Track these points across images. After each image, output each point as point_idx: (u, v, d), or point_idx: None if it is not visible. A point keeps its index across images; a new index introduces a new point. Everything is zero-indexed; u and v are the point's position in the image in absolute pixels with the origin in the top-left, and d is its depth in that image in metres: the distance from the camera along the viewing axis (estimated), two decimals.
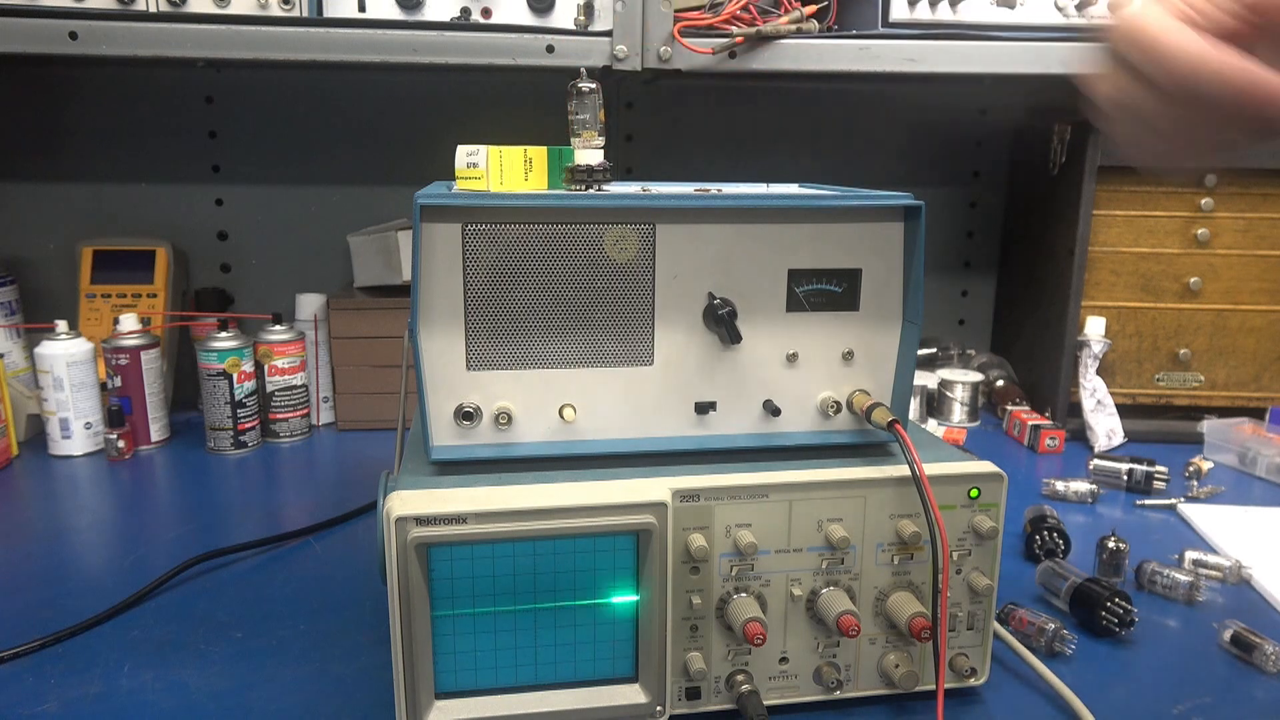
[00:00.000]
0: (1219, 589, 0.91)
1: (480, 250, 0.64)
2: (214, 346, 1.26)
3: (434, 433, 0.66)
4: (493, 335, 0.66)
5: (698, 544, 0.64)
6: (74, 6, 1.08)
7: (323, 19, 1.13)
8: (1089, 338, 1.33)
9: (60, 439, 1.25)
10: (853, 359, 0.71)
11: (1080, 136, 1.31)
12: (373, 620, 0.82)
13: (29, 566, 0.93)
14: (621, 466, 0.67)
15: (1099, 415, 1.33)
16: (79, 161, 1.45)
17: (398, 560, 0.60)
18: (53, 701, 0.70)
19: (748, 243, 0.67)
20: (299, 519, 1.04)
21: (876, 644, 0.69)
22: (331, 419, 1.41)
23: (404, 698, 0.62)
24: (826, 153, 1.59)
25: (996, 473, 0.68)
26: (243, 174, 1.49)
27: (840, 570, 0.67)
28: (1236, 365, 1.37)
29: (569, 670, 0.65)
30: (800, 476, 0.66)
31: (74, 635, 0.79)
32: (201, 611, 0.84)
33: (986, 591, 0.69)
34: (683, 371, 0.69)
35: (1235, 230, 1.33)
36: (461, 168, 0.70)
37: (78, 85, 1.42)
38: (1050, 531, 0.94)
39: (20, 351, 1.34)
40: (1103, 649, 0.79)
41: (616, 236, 0.66)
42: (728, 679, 0.67)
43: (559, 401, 0.68)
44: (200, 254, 1.51)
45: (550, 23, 1.17)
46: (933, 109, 1.59)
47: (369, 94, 1.48)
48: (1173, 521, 1.08)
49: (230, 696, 0.71)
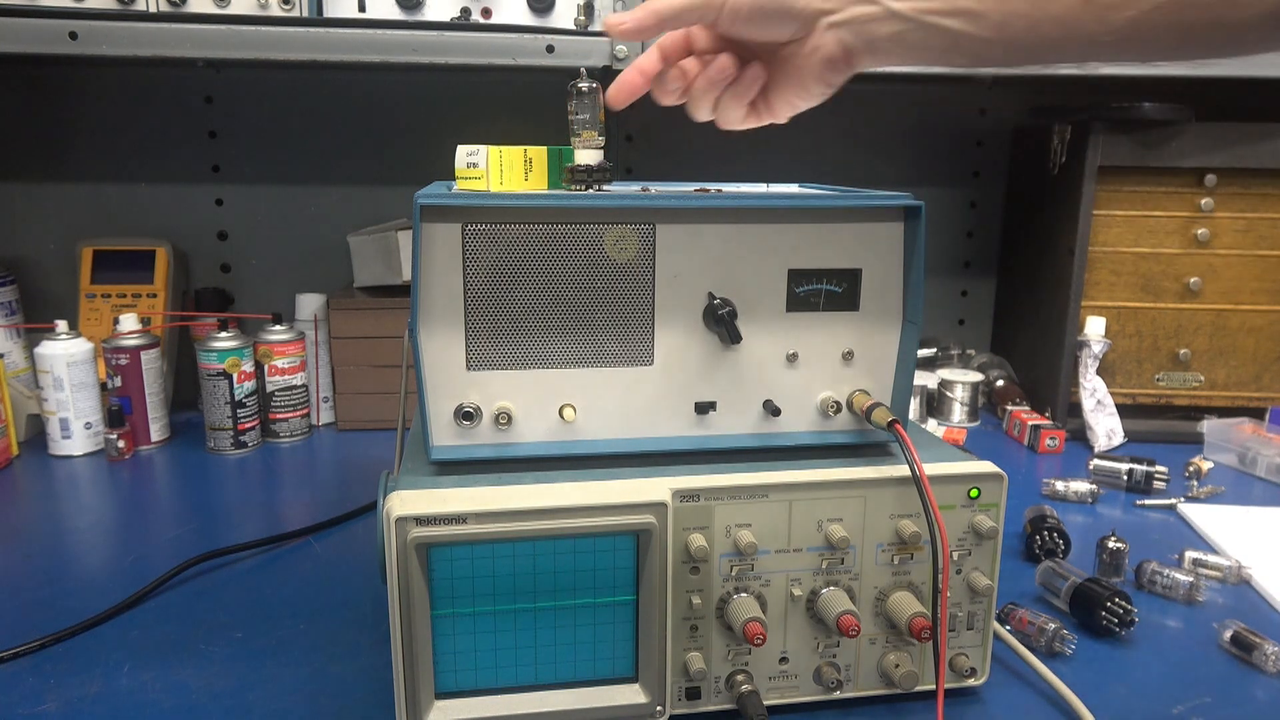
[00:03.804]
0: (1219, 589, 0.91)
1: (480, 250, 0.64)
2: (214, 346, 1.26)
3: (434, 433, 0.66)
4: (493, 335, 0.66)
5: (698, 544, 0.64)
6: (74, 6, 1.08)
7: (323, 19, 1.13)
8: (1089, 338, 1.33)
9: (60, 439, 1.25)
10: (853, 359, 0.71)
11: (1080, 136, 1.31)
12: (373, 620, 0.82)
13: (29, 566, 0.93)
14: (621, 466, 0.67)
15: (1099, 415, 1.33)
16: (79, 161, 1.45)
17: (398, 560, 0.60)
18: (53, 701, 0.70)
19: (748, 243, 0.67)
20: (299, 519, 1.04)
21: (876, 644, 0.69)
22: (331, 419, 1.41)
23: (404, 698, 0.62)
24: (826, 153, 1.59)
25: (996, 473, 0.68)
26: (243, 174, 1.49)
27: (840, 570, 0.67)
28: (1236, 365, 1.37)
29: (569, 670, 0.65)
30: (800, 476, 0.66)
31: (74, 635, 0.79)
32: (201, 611, 0.84)
33: (986, 591, 0.69)
34: (683, 371, 0.69)
35: (1235, 230, 1.33)
36: (461, 168, 0.70)
37: (78, 85, 1.42)
38: (1050, 531, 0.94)
39: (20, 351, 1.34)
40: (1103, 649, 0.79)
41: (616, 236, 0.66)
42: (728, 679, 0.67)
43: (559, 401, 0.68)
44: (200, 254, 1.51)
45: (550, 23, 1.17)
46: (933, 109, 1.59)
47: (369, 94, 1.48)
48: (1173, 521, 1.08)
49: (230, 696, 0.71)
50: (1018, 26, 0.55)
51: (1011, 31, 0.56)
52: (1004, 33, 0.56)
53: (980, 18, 0.56)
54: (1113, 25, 0.52)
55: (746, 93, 0.68)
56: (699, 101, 0.68)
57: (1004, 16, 0.56)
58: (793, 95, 0.68)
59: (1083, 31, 0.54)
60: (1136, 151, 1.30)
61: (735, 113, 0.69)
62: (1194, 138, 1.29)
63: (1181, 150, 1.29)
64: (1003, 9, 0.56)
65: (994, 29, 0.56)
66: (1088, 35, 0.54)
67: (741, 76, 0.67)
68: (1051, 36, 0.55)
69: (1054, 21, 0.54)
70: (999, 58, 0.59)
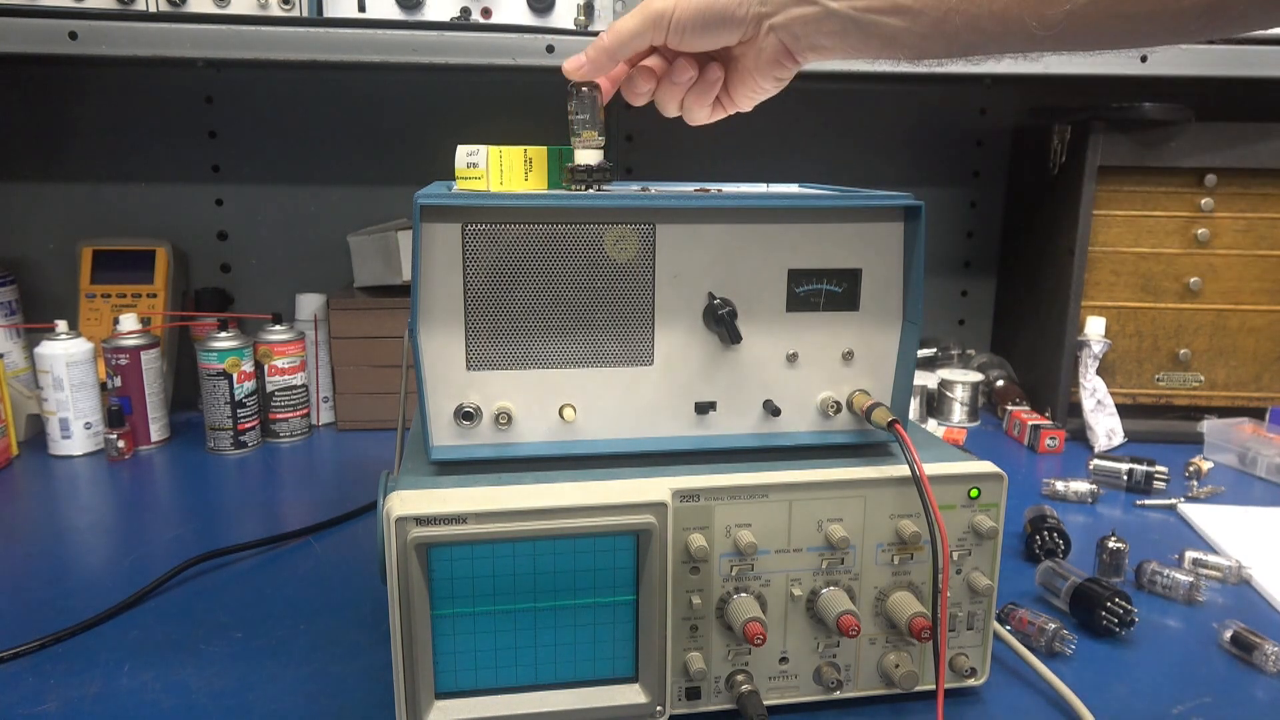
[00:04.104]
0: (1219, 589, 0.91)
1: (480, 250, 0.64)
2: (214, 346, 1.26)
3: (434, 433, 0.66)
4: (493, 335, 0.66)
5: (698, 544, 0.64)
6: (74, 6, 1.08)
7: (323, 19, 1.13)
8: (1089, 338, 1.33)
9: (60, 439, 1.25)
10: (853, 359, 0.71)
11: (1080, 136, 1.31)
12: (373, 620, 0.82)
13: (29, 566, 0.93)
14: (621, 466, 0.67)
15: (1099, 415, 1.33)
16: (79, 161, 1.45)
17: (398, 560, 0.60)
18: (53, 701, 0.70)
19: (748, 243, 0.67)
20: (299, 519, 1.04)
21: (876, 644, 0.69)
22: (331, 419, 1.41)
23: (404, 698, 0.62)
24: (826, 153, 1.59)
25: (996, 473, 0.68)
26: (243, 174, 1.49)
27: (840, 570, 0.67)
28: (1236, 365, 1.37)
29: (569, 670, 0.65)
30: (800, 476, 0.66)
31: (74, 635, 0.79)
32: (201, 611, 0.84)
33: (986, 591, 0.69)
34: (683, 371, 0.69)
35: (1235, 230, 1.33)
36: (461, 168, 0.70)
37: (78, 85, 1.43)
38: (1050, 531, 0.94)
39: (20, 351, 1.34)
40: (1103, 649, 0.79)
41: (616, 236, 0.66)
42: (728, 679, 0.67)
43: (559, 401, 0.68)
44: (200, 254, 1.51)
45: (550, 23, 1.17)
46: (933, 109, 1.59)
47: (369, 94, 1.48)
48: (1173, 521, 1.08)
49: (230, 696, 0.71)
50: (956, 23, 0.56)
51: (950, 28, 0.56)
52: (942, 28, 0.57)
53: (918, 15, 0.57)
54: (1050, 20, 0.53)
55: (709, 92, 0.71)
56: (665, 104, 0.71)
57: (942, 13, 0.56)
58: (749, 90, 0.71)
59: (1021, 27, 0.54)
60: (1136, 151, 1.30)
61: (700, 111, 0.72)
62: (1194, 138, 1.29)
63: (1181, 150, 1.29)
64: (940, 6, 0.56)
65: (932, 25, 0.57)
66: (1026, 31, 0.54)
67: (702, 78, 0.69)
68: (991, 32, 0.56)
69: (992, 17, 0.55)
70: (940, 51, 0.59)
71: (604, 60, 0.67)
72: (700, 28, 0.64)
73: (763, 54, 0.66)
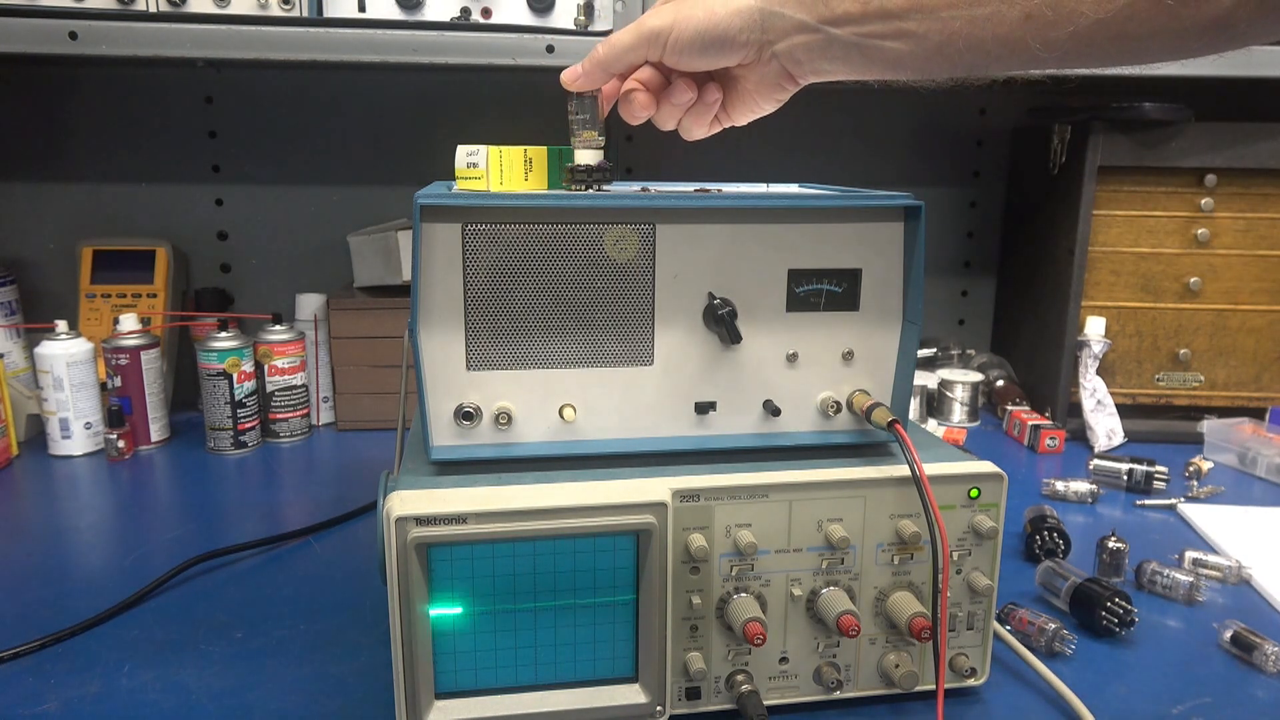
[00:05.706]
0: (1219, 589, 0.91)
1: (480, 250, 0.64)
2: (214, 346, 1.26)
3: (434, 433, 0.66)
4: (493, 335, 0.66)
5: (698, 544, 0.64)
6: (74, 6, 1.08)
7: (323, 19, 1.13)
8: (1089, 338, 1.33)
9: (60, 439, 1.25)
10: (853, 359, 0.71)
11: (1080, 136, 1.31)
12: (373, 620, 0.82)
13: (29, 566, 0.93)
14: (621, 466, 0.67)
15: (1099, 415, 1.33)
16: (79, 161, 1.45)
17: (398, 560, 0.60)
18: (53, 701, 0.70)
19: (748, 243, 0.67)
20: (299, 519, 1.04)
21: (876, 644, 0.69)
22: (331, 419, 1.41)
23: (404, 698, 0.62)
24: (826, 153, 1.59)
25: (996, 473, 0.68)
26: (243, 174, 1.49)
27: (840, 570, 0.67)
28: (1236, 365, 1.37)
29: (569, 670, 0.65)
30: (800, 476, 0.66)
31: (74, 635, 0.79)
32: (201, 611, 0.84)
33: (986, 591, 0.69)
34: (683, 371, 0.69)
35: (1235, 230, 1.33)
36: (461, 168, 0.70)
37: (78, 85, 1.42)
38: (1050, 531, 0.94)
39: (20, 351, 1.34)
40: (1103, 649, 0.79)
41: (616, 236, 0.66)
42: (728, 679, 0.67)
43: (559, 401, 0.68)
44: (200, 254, 1.51)
45: (550, 23, 1.17)
46: (933, 109, 1.59)
47: (369, 94, 1.48)
48: (1173, 521, 1.08)
49: (230, 696, 0.71)
50: (959, 46, 0.56)
51: (953, 50, 0.56)
52: (945, 51, 0.57)
53: (922, 39, 0.57)
54: (1054, 41, 0.53)
55: (707, 114, 0.70)
56: (663, 122, 0.71)
57: (945, 37, 0.56)
58: (748, 109, 0.71)
59: (1025, 49, 0.54)
60: (1136, 151, 1.30)
61: (698, 129, 0.72)
62: (1194, 138, 1.29)
63: (1181, 150, 1.29)
64: (943, 30, 0.56)
65: (935, 48, 0.57)
66: (1030, 53, 0.54)
67: (701, 99, 0.69)
68: (994, 53, 0.56)
69: (996, 40, 0.55)
70: (943, 72, 0.59)
71: (598, 73, 0.67)
72: (699, 49, 0.64)
73: (765, 78, 0.66)
